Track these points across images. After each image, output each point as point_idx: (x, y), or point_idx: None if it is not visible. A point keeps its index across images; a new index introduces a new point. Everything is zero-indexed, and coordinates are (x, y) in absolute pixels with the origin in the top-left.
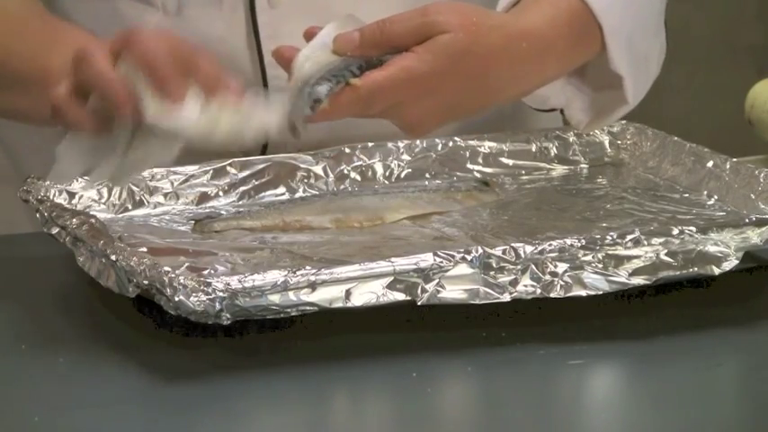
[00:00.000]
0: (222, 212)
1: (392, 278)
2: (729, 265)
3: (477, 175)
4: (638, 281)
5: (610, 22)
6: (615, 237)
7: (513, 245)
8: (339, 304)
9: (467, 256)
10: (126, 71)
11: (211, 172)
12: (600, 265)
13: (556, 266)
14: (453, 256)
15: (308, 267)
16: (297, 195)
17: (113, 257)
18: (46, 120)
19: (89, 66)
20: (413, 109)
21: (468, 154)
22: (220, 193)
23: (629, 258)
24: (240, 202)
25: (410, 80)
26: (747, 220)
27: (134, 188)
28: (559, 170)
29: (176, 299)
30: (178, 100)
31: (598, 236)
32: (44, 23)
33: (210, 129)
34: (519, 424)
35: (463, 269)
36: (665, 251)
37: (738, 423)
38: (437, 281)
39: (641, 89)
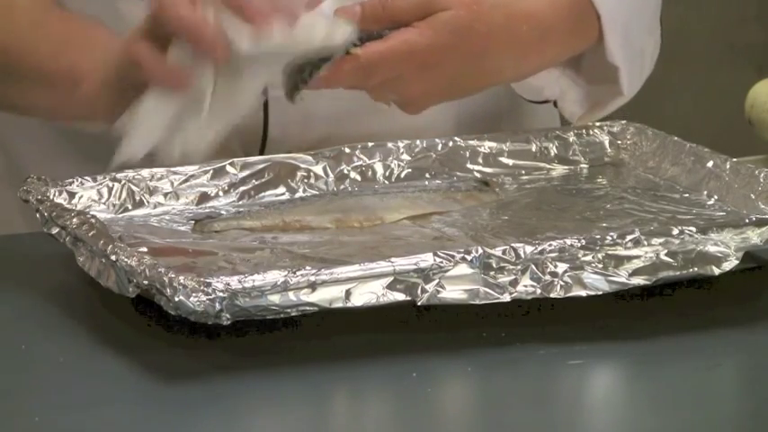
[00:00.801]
0: (222, 212)
1: (392, 278)
2: (729, 265)
3: (477, 175)
4: (638, 281)
5: (608, 10)
6: (615, 237)
7: (513, 245)
8: (339, 304)
9: (467, 256)
10: (208, 10)
11: (211, 172)
12: (600, 266)
13: (556, 266)
14: (453, 257)
15: (308, 267)
16: (297, 195)
17: (113, 257)
18: (72, 116)
19: (171, 13)
20: (411, 84)
21: (468, 154)
22: (220, 193)
23: (629, 258)
24: (240, 202)
25: (410, 53)
26: (747, 220)
27: (134, 188)
28: (559, 170)
29: (176, 299)
30: (268, 22)
31: (598, 236)
32: (67, 21)
33: (306, 38)
34: (519, 424)
35: (463, 269)
36: (665, 251)
37: (738, 423)
38: (437, 281)
39: (636, 83)
